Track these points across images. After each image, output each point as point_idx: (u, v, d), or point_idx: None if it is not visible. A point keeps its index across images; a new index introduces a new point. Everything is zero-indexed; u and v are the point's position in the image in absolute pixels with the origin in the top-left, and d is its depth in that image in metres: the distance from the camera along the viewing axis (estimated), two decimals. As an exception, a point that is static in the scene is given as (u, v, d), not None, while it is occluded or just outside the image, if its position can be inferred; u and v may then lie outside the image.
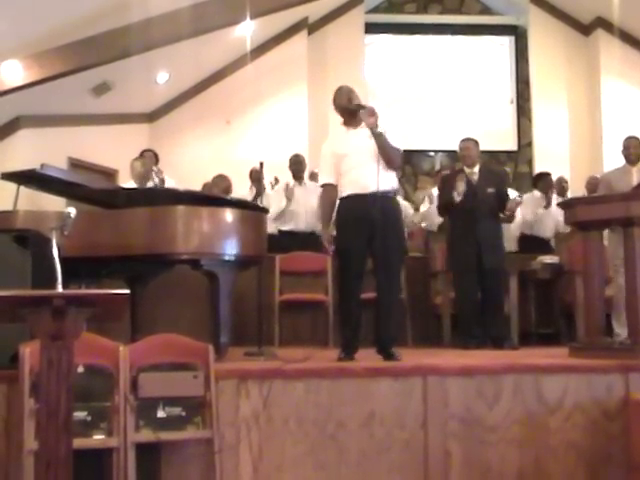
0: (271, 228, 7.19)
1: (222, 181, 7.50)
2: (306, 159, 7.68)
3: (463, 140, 6.15)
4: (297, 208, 7.27)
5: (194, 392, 3.63)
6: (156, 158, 7.29)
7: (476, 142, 6.10)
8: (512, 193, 7.04)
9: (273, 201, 7.30)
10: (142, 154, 7.13)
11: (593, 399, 3.97)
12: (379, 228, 4.41)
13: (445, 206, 6.05)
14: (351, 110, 4.60)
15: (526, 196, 7.72)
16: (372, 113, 4.45)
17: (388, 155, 4.50)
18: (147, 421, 3.55)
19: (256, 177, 7.46)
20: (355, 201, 4.50)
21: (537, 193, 7.58)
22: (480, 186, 5.89)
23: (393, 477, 3.82)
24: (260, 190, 5.98)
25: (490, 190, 5.88)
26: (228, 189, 7.44)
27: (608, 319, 4.79)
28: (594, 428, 3.95)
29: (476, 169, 5.98)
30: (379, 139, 4.46)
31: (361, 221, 4.45)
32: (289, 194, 7.21)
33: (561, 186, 7.70)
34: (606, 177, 6.00)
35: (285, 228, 7.33)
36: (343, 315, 4.66)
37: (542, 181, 7.67)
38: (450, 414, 3.88)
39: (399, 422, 3.84)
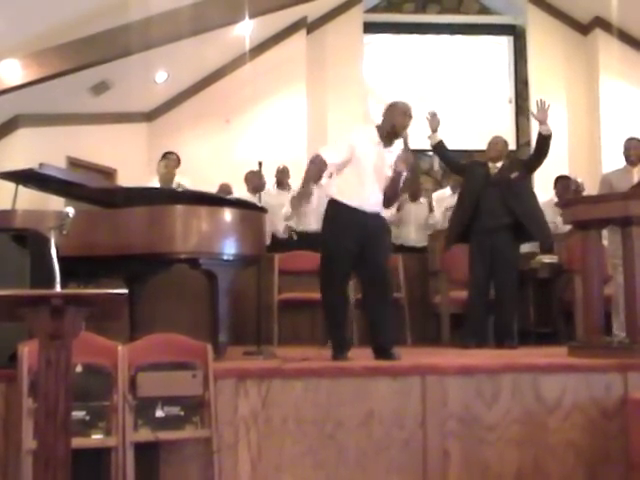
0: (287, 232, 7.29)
1: (255, 177, 7.40)
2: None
3: (495, 136, 6.18)
4: (310, 208, 7.28)
5: (193, 391, 3.63)
6: (178, 161, 7.31)
7: (505, 141, 6.16)
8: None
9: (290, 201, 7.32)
10: (165, 155, 7.16)
11: (592, 398, 3.97)
12: (371, 238, 4.47)
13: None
14: (397, 134, 4.56)
15: (546, 201, 7.61)
16: (406, 161, 4.48)
17: (390, 197, 4.62)
18: (146, 420, 3.55)
19: (280, 177, 7.52)
20: (352, 213, 4.49)
21: (555, 198, 7.44)
22: (501, 175, 5.89)
23: (392, 476, 3.82)
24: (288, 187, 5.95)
25: (514, 175, 5.88)
26: (261, 187, 7.42)
27: (607, 318, 4.78)
28: (593, 427, 3.96)
29: (499, 164, 5.97)
30: (395, 180, 4.54)
31: (353, 228, 4.45)
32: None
33: (578, 191, 7.52)
34: (607, 177, 6.01)
35: (297, 229, 7.37)
36: (329, 316, 4.65)
37: (560, 184, 7.57)
38: (449, 413, 3.88)
39: (398, 421, 3.84)
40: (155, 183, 6.90)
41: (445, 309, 6.40)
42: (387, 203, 4.64)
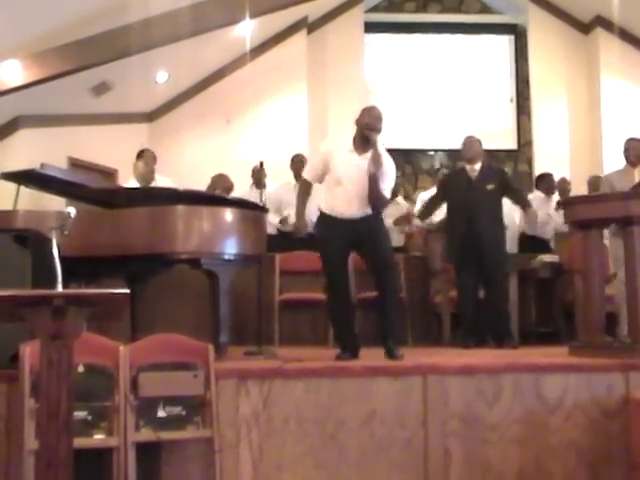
0: (271, 228, 7.25)
1: (222, 181, 7.45)
2: (306, 158, 7.67)
3: (466, 137, 6.13)
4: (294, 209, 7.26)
5: (194, 391, 3.63)
6: (155, 158, 7.28)
7: (479, 140, 6.10)
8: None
9: (282, 199, 7.31)
10: (142, 154, 7.12)
11: (593, 398, 3.97)
12: (363, 235, 4.49)
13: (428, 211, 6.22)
14: (366, 137, 4.54)
15: (529, 196, 7.69)
16: (376, 162, 4.43)
17: (373, 200, 4.52)
18: (147, 420, 3.55)
19: (257, 177, 7.50)
20: (337, 222, 4.55)
21: (540, 194, 7.57)
22: (479, 182, 5.88)
23: (393, 476, 3.82)
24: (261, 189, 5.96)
25: (490, 187, 5.87)
26: (229, 189, 7.40)
27: (608, 318, 4.78)
28: (594, 427, 3.95)
29: (477, 166, 5.96)
30: (371, 181, 4.46)
31: (341, 232, 4.51)
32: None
33: (563, 187, 7.66)
34: (608, 178, 6.00)
35: (285, 229, 7.34)
36: (332, 317, 4.70)
37: (544, 182, 7.67)
38: (450, 413, 3.88)
39: (399, 421, 3.84)
40: (133, 183, 6.78)
41: (446, 309, 6.39)
42: (373, 206, 4.57)
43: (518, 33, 10.84)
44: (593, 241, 4.56)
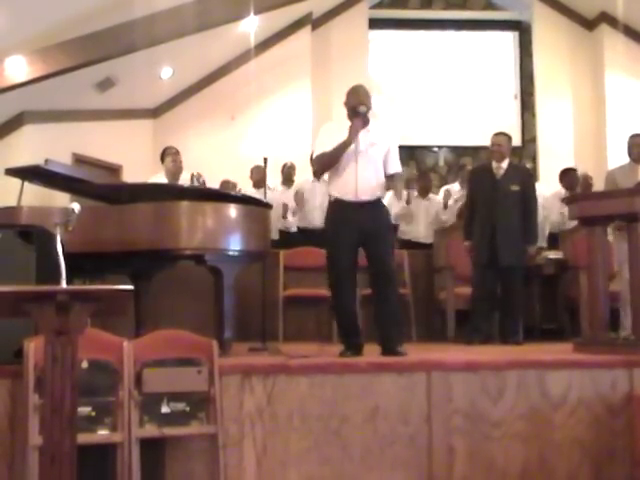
0: (292, 227, 7.34)
1: (259, 172, 7.37)
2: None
3: (496, 134, 6.02)
4: (313, 205, 7.30)
5: (198, 387, 3.63)
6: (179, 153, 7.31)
7: (509, 138, 6.02)
8: (540, 187, 6.89)
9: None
10: (168, 150, 7.13)
11: (597, 394, 3.97)
12: (370, 233, 4.46)
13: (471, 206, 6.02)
14: (359, 112, 4.57)
15: (552, 193, 7.63)
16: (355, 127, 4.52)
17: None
18: (151, 416, 3.55)
19: (287, 174, 7.60)
20: (345, 207, 4.50)
21: (562, 190, 7.46)
22: (504, 182, 5.80)
23: (397, 472, 3.82)
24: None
25: (514, 188, 5.78)
26: (262, 181, 7.40)
27: (612, 314, 4.77)
28: (598, 423, 3.95)
29: (504, 164, 5.88)
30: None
31: (350, 224, 4.46)
32: (299, 199, 7.24)
33: (586, 183, 7.56)
34: (611, 174, 5.98)
35: (301, 225, 7.39)
36: (337, 313, 4.67)
37: (567, 177, 7.58)
38: (454, 409, 3.88)
39: (403, 417, 3.84)
40: (162, 178, 6.86)
41: (450, 305, 6.39)
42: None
43: (523, 29, 10.83)
44: (598, 237, 4.55)
